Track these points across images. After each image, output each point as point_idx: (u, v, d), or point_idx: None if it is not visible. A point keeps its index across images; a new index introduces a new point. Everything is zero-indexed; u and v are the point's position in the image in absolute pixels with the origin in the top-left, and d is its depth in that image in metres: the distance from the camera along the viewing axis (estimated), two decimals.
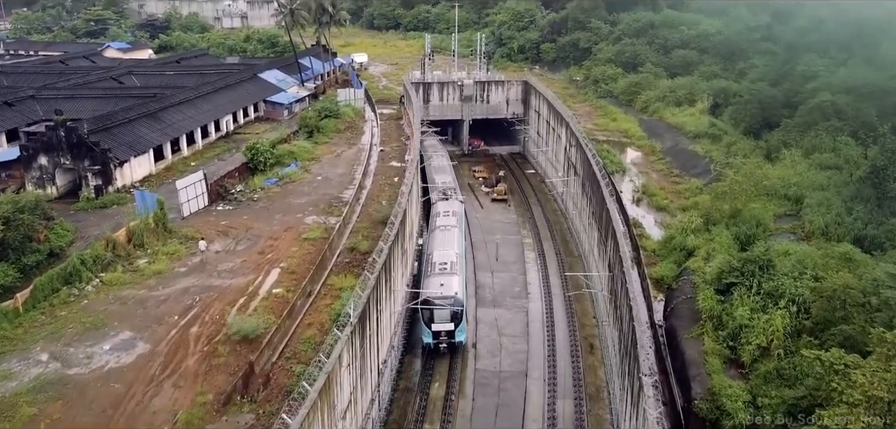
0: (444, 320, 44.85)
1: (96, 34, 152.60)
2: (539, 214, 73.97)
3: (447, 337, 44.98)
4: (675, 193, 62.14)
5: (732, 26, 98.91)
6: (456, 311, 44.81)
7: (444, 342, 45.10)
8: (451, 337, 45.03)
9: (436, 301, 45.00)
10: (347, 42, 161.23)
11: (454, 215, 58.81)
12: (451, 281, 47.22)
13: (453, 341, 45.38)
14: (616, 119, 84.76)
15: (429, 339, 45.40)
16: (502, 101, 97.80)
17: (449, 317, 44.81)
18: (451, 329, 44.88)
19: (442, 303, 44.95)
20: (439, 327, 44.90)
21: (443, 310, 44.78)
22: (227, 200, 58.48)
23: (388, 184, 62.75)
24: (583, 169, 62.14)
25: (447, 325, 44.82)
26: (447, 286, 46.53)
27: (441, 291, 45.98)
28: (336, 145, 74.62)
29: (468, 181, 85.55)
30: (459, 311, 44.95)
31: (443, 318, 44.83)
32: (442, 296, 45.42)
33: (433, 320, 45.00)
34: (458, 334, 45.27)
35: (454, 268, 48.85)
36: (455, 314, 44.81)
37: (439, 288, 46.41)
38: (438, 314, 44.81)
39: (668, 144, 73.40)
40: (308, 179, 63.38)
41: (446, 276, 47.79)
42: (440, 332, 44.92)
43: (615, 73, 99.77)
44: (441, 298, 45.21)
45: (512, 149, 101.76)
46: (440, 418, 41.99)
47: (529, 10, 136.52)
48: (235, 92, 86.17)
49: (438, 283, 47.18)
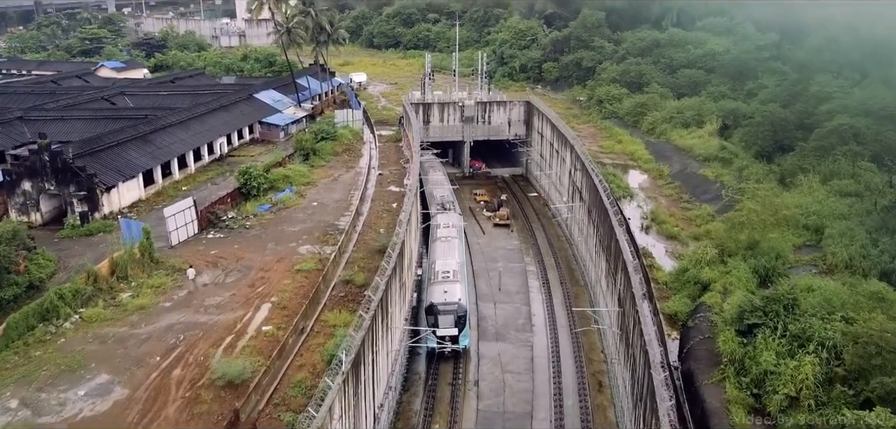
0: (449, 326, 46.33)
1: (91, 53, 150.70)
2: (543, 240, 71.44)
3: (451, 342, 46.41)
4: (685, 221, 59.62)
5: (740, 45, 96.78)
6: (460, 317, 46.50)
7: (448, 347, 46.40)
8: (455, 342, 46.48)
9: (440, 307, 46.49)
10: (346, 61, 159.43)
11: (454, 228, 59.58)
12: (453, 288, 48.42)
13: (457, 346, 46.71)
14: (621, 141, 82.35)
15: (433, 344, 46.56)
16: (504, 122, 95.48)
17: (453, 322, 46.37)
18: (455, 334, 46.37)
19: (446, 309, 46.44)
20: (444, 333, 46.27)
21: (447, 316, 46.35)
22: (218, 227, 56.00)
23: (386, 210, 60.28)
24: (589, 195, 59.67)
25: (451, 330, 46.30)
26: (450, 293, 47.72)
27: (445, 297, 47.25)
28: (333, 169, 72.22)
29: (469, 205, 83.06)
30: (463, 317, 46.69)
31: (447, 323, 46.33)
32: (446, 302, 46.78)
33: (438, 326, 46.40)
34: (462, 339, 46.83)
35: (456, 276, 50.10)
36: (459, 320, 46.49)
37: (443, 295, 47.56)
38: (443, 320, 46.32)
39: (677, 168, 70.95)
40: (303, 204, 60.91)
41: (449, 284, 48.95)
42: (444, 337, 46.31)
43: (620, 93, 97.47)
44: (445, 305, 46.62)
45: (514, 171, 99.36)
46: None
47: (531, 29, 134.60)
48: (230, 113, 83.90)
49: (442, 290, 48.27)
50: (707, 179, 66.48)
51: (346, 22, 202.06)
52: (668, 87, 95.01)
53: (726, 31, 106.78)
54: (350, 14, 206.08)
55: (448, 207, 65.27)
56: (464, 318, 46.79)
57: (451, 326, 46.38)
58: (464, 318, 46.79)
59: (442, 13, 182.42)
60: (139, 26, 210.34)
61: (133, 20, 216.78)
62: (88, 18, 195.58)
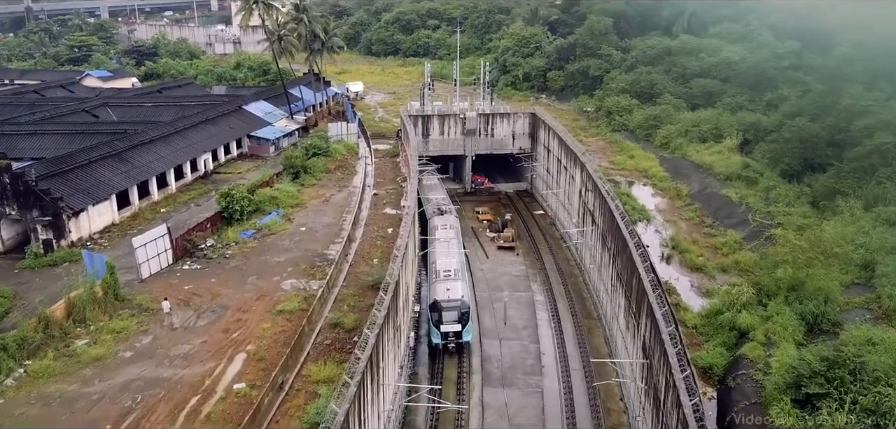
0: (452, 322, 47.58)
1: (79, 61, 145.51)
2: (550, 264, 66.09)
3: (455, 337, 47.81)
4: (710, 249, 54.28)
5: (757, 53, 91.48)
6: (463, 312, 47.81)
7: (453, 342, 47.90)
8: (459, 337, 47.95)
9: (444, 304, 47.71)
10: (343, 69, 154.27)
11: (452, 229, 60.12)
12: (455, 286, 49.54)
13: (460, 341, 48.17)
14: (633, 156, 76.99)
15: (437, 339, 47.82)
16: (508, 134, 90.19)
17: (456, 318, 47.64)
18: (458, 330, 47.69)
19: (449, 306, 47.66)
20: (448, 329, 47.53)
21: (451, 312, 47.59)
22: (195, 257, 50.75)
23: (381, 236, 55.02)
24: (604, 220, 54.33)
25: (455, 326, 47.57)
26: (453, 290, 48.91)
27: (448, 295, 48.38)
28: (325, 188, 66.96)
29: (471, 225, 77.73)
30: (466, 312, 48.09)
31: (451, 319, 47.59)
32: (449, 299, 47.98)
33: (442, 322, 47.57)
34: (465, 335, 48.26)
35: (457, 274, 51.11)
36: (462, 316, 47.78)
37: (446, 292, 48.70)
38: (447, 317, 47.58)
39: (696, 187, 65.55)
40: (290, 230, 55.61)
41: (451, 281, 50.04)
42: (448, 333, 47.56)
43: (630, 104, 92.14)
44: (448, 302, 47.82)
45: (518, 186, 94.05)
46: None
47: (535, 36, 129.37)
48: (216, 127, 78.66)
49: (445, 288, 49.30)
50: (730, 201, 61.01)
51: (343, 28, 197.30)
52: (681, 97, 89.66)
53: (741, 37, 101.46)
54: (348, 20, 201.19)
55: (445, 210, 65.04)
56: (467, 314, 48.08)
57: (454, 321, 47.51)
58: (467, 314, 48.08)
59: (442, 19, 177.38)
60: (132, 33, 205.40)
61: (126, 27, 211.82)
62: (80, 25, 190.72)
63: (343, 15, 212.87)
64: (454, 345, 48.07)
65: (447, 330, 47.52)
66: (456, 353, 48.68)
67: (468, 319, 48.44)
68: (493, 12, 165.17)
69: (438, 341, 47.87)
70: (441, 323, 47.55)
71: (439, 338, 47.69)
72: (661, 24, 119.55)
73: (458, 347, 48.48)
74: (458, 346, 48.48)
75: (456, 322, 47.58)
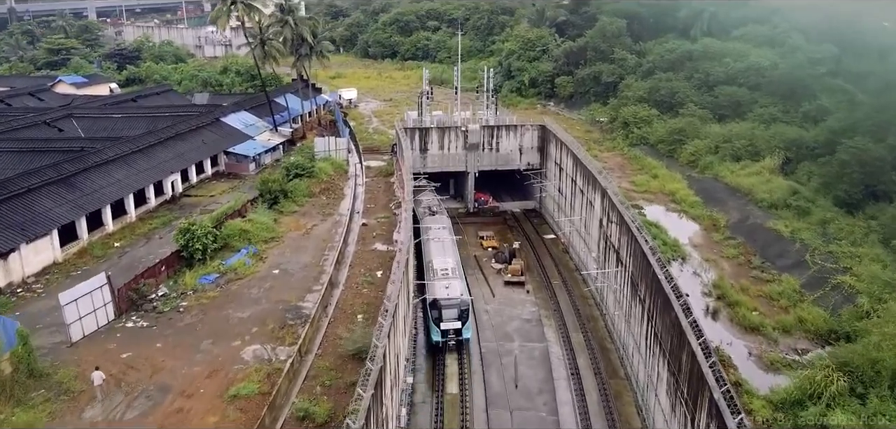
0: (452, 319, 47.49)
1: (58, 65, 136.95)
2: (566, 303, 57.50)
3: (455, 335, 47.58)
4: (763, 300, 45.42)
5: (789, 58, 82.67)
6: (463, 310, 47.78)
7: (453, 340, 47.62)
8: (459, 334, 47.78)
9: (443, 302, 47.51)
10: (338, 73, 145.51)
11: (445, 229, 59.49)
12: (454, 284, 49.48)
13: (460, 339, 47.97)
14: (657, 176, 68.16)
15: (437, 337, 47.49)
16: (515, 149, 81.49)
17: (456, 316, 47.57)
18: (458, 327, 47.57)
19: (449, 303, 47.52)
20: (448, 326, 47.35)
21: (451, 310, 47.44)
22: (143, 310, 42.02)
23: (368, 282, 46.31)
24: (633, 262, 45.62)
25: (455, 323, 47.49)
26: (452, 288, 48.78)
27: (447, 293, 48.26)
28: (306, 216, 58.26)
29: (474, 253, 69.08)
30: (466, 309, 48.15)
31: (451, 317, 47.48)
32: (448, 297, 47.84)
33: (442, 320, 47.39)
34: (465, 332, 48.18)
35: (455, 273, 51.09)
36: (462, 313, 47.75)
37: (445, 290, 48.52)
38: (446, 314, 47.44)
39: (735, 216, 56.61)
40: (261, 273, 46.87)
41: (449, 279, 49.94)
42: (448, 330, 47.32)
43: (649, 114, 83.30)
44: (448, 300, 47.67)
45: (525, 205, 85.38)
46: None
47: (542, 38, 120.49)
48: (187, 143, 69.90)
49: (443, 285, 49.15)
50: (780, 236, 52.06)
51: (339, 30, 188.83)
52: (706, 107, 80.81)
53: (768, 41, 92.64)
54: (344, 21, 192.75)
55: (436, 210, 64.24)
56: (466, 311, 48.21)
57: (454, 319, 47.51)
58: (466, 311, 48.21)
59: (442, 20, 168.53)
60: (119, 35, 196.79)
61: (113, 28, 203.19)
62: (64, 27, 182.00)
63: (339, 15, 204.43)
64: (454, 342, 48.00)
65: (447, 328, 47.43)
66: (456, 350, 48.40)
67: (468, 316, 48.72)
68: (496, 13, 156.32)
69: (438, 339, 47.77)
70: (441, 321, 47.46)
71: (439, 336, 47.62)
72: (678, 25, 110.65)
73: (457, 345, 48.35)
74: (458, 343, 48.46)
75: (456, 320, 47.67)
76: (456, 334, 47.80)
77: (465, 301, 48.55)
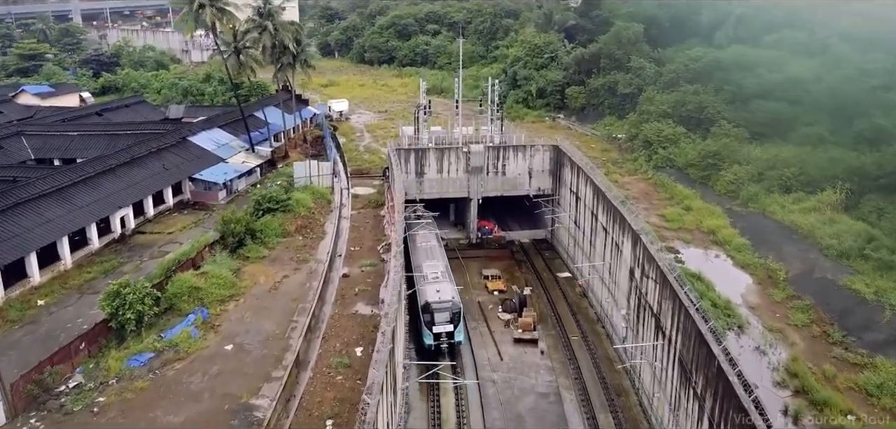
0: (445, 322, 46.83)
1: (29, 72, 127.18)
2: (589, 368, 47.76)
3: (447, 337, 46.90)
4: (857, 393, 35.18)
5: (834, 69, 72.81)
6: (455, 312, 47.01)
7: (445, 343, 46.93)
8: (451, 337, 47.07)
9: (435, 305, 46.88)
10: (331, 81, 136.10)
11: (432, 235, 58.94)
12: (445, 287, 49.01)
13: (452, 341, 47.25)
14: (691, 208, 58.24)
15: (430, 340, 46.78)
16: (523, 172, 71.66)
17: (448, 318, 46.86)
18: (451, 330, 46.85)
19: (441, 306, 46.96)
20: (440, 329, 46.73)
21: (443, 313, 46.87)
22: (47, 408, 32.28)
23: (343, 365, 36.53)
24: (682, 337, 35.80)
25: (447, 326, 46.80)
26: (443, 292, 48.26)
27: (439, 296, 47.60)
28: (277, 263, 48.48)
29: (478, 298, 59.27)
30: (458, 312, 47.27)
31: (443, 320, 46.85)
32: (440, 300, 47.22)
33: (434, 323, 46.76)
34: (457, 335, 47.35)
35: (445, 276, 50.76)
36: (454, 316, 46.96)
37: (436, 294, 47.86)
38: (439, 317, 46.82)
39: (796, 266, 46.56)
40: (210, 349, 37.08)
41: (439, 283, 49.45)
42: (441, 333, 46.72)
43: (675, 132, 73.37)
44: (440, 303, 47.07)
45: (535, 234, 75.55)
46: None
47: (550, 44, 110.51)
48: (144, 169, 60.17)
49: (434, 289, 48.51)
50: (861, 298, 42.00)
51: (334, 34, 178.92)
52: (741, 124, 70.89)
53: (805, 49, 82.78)
54: (340, 25, 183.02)
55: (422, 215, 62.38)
56: (458, 314, 47.63)
57: (446, 322, 47.01)
58: (458, 314, 47.63)
59: (443, 24, 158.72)
60: (103, 39, 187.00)
61: (97, 32, 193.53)
62: (44, 30, 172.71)
63: (335, 18, 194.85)
64: (447, 345, 47.45)
65: (439, 331, 46.97)
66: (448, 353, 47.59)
67: (460, 319, 48.09)
68: (500, 16, 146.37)
69: (431, 342, 47.22)
70: (433, 324, 46.93)
71: (431, 339, 47.11)
72: (700, 30, 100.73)
73: (450, 347, 47.73)
74: (451, 346, 47.90)
75: (448, 322, 47.13)
76: (448, 337, 47.38)
77: (457, 304, 48.18)
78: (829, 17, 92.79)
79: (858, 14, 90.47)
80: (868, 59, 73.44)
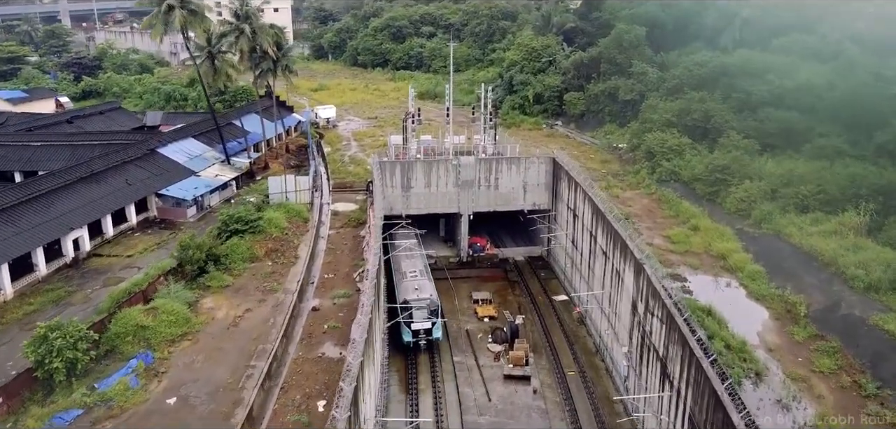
0: (423, 319, 47.19)
1: (8, 76, 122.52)
2: (587, 412, 42.88)
3: (426, 334, 47.26)
4: None
5: (849, 75, 67.95)
6: (433, 310, 47.32)
7: (424, 339, 47.27)
8: (430, 334, 47.45)
9: (414, 302, 47.11)
10: (322, 85, 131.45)
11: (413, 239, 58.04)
12: (424, 284, 49.52)
13: (431, 338, 47.60)
14: (698, 227, 53.39)
15: (409, 338, 47.11)
16: (517, 186, 66.79)
17: (427, 316, 47.19)
18: (429, 327, 47.24)
19: (419, 303, 47.18)
20: (419, 326, 47.10)
21: (421, 310, 47.09)
22: None
23: (303, 424, 31.55)
24: (693, 392, 31.02)
25: (425, 323, 47.18)
26: (422, 289, 48.59)
27: (417, 294, 47.80)
28: (240, 293, 43.66)
29: (466, 327, 54.49)
30: (436, 309, 47.60)
31: (421, 317, 47.17)
32: (419, 298, 47.42)
33: (413, 320, 47.04)
34: (435, 332, 47.70)
35: (424, 275, 51.06)
36: (432, 313, 47.32)
37: (415, 292, 48.01)
38: (417, 314, 47.11)
39: (818, 299, 41.55)
40: (147, 405, 32.28)
41: (418, 280, 49.84)
42: (419, 330, 47.05)
43: (680, 143, 68.52)
44: (418, 300, 47.29)
45: (530, 251, 70.72)
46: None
47: (548, 47, 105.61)
48: (103, 185, 55.41)
49: (413, 286, 48.81)
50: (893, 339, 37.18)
51: (328, 36, 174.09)
52: (750, 135, 66.01)
53: (815, 54, 77.92)
54: (333, 27, 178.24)
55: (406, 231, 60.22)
56: (436, 311, 48.12)
57: (425, 319, 47.40)
58: (436, 311, 48.12)
59: (438, 25, 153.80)
60: (91, 41, 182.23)
61: (85, 34, 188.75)
62: (29, 32, 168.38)
63: (329, 20, 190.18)
64: (425, 342, 47.91)
65: (418, 328, 47.45)
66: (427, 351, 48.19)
67: (438, 315, 48.67)
68: (497, 18, 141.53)
69: (410, 340, 47.68)
70: (412, 321, 47.41)
71: (410, 336, 47.56)
72: (704, 33, 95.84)
73: (428, 344, 48.26)
74: (429, 343, 48.38)
75: (426, 320, 47.57)
76: (426, 333, 47.94)
77: (435, 301, 48.58)
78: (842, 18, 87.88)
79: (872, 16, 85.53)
80: (885, 64, 68.50)
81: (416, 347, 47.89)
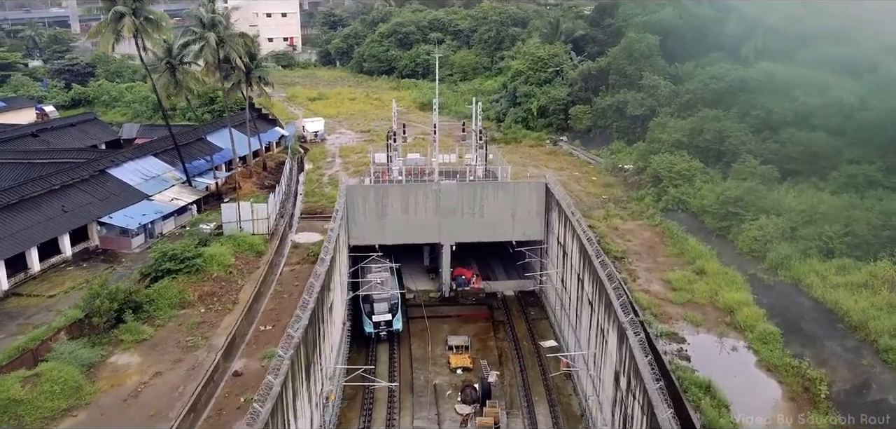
0: (383, 312, 50.92)
1: None
2: None
3: (386, 326, 50.96)
4: None
5: (887, 97, 59.85)
6: (393, 304, 51.39)
7: (384, 331, 51.04)
8: (390, 326, 51.09)
9: (376, 297, 51.39)
10: (322, 94, 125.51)
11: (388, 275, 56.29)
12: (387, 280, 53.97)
13: (391, 330, 51.33)
14: (704, 271, 45.98)
15: (370, 329, 50.87)
16: (505, 214, 60.06)
17: (387, 309, 51.02)
18: (389, 319, 50.94)
19: (381, 298, 51.42)
20: (379, 318, 50.75)
21: (382, 303, 51.15)
22: None
23: None
24: None
25: (386, 316, 50.82)
26: (385, 285, 53.08)
27: (380, 290, 52.12)
28: (156, 351, 37.27)
29: (435, 380, 47.91)
30: (396, 304, 51.62)
31: (382, 310, 50.97)
32: (380, 293, 51.71)
33: (374, 313, 50.83)
34: (395, 323, 51.41)
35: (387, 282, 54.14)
36: (392, 306, 51.26)
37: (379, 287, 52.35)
38: (378, 308, 50.97)
39: (843, 375, 33.79)
40: None
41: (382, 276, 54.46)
42: (380, 322, 50.76)
43: (690, 166, 60.91)
44: (380, 295, 51.52)
45: (521, 285, 64.21)
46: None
47: (555, 57, 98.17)
48: (33, 212, 49.65)
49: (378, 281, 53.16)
50: None
51: (335, 42, 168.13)
52: (769, 160, 58.27)
53: (848, 67, 69.82)
54: (341, 32, 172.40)
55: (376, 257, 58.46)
56: (396, 305, 51.64)
57: (385, 312, 50.86)
58: (396, 305, 51.64)
59: (447, 32, 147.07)
60: (95, 45, 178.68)
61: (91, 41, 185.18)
62: (33, 36, 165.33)
63: (337, 25, 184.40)
64: (386, 333, 51.23)
65: (379, 319, 50.74)
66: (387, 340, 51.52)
67: (397, 309, 51.74)
68: (506, 24, 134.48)
69: (371, 330, 50.87)
70: (373, 313, 50.79)
71: (371, 327, 50.81)
72: (725, 43, 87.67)
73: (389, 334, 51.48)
74: (390, 333, 51.51)
75: (386, 312, 50.91)
76: (387, 325, 51.23)
77: (396, 296, 52.45)
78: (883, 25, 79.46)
79: None
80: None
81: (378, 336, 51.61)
